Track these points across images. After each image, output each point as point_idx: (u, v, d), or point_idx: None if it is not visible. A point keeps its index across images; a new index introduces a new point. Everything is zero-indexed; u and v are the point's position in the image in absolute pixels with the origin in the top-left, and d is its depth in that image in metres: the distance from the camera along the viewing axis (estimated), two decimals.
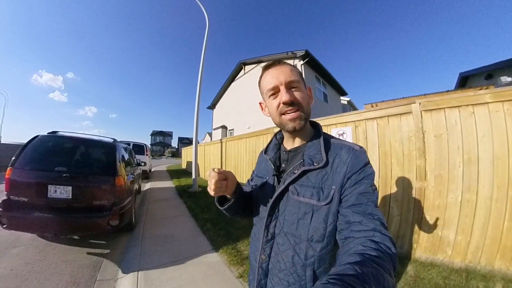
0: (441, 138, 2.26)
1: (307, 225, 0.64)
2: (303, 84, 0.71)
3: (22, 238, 3.08)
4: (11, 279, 2.20)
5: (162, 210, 4.80)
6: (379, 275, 0.40)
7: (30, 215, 2.56)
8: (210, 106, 19.60)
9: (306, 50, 9.60)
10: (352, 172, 0.62)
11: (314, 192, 0.64)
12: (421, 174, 2.36)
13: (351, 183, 0.61)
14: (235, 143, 6.62)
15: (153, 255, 2.71)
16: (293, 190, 0.68)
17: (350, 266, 0.42)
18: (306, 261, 0.63)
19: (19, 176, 2.68)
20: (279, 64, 0.70)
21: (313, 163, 0.66)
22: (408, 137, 2.47)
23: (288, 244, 0.67)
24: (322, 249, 0.62)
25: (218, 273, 2.33)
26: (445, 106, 2.24)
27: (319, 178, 0.65)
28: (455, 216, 2.17)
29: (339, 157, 0.65)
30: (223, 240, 3.09)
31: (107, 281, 2.30)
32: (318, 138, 0.71)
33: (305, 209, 0.64)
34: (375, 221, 0.54)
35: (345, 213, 0.59)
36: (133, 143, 10.53)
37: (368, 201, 0.58)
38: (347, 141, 0.71)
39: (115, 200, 2.94)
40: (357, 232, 0.53)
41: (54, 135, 3.20)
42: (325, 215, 0.62)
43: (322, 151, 0.67)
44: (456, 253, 2.18)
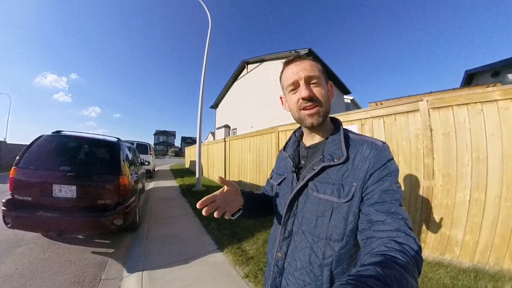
0: (449, 136, 2.23)
1: (326, 223, 0.62)
2: (324, 79, 0.70)
3: (26, 237, 3.09)
4: (16, 278, 2.21)
5: (166, 209, 4.80)
6: (402, 278, 0.38)
7: (34, 214, 2.57)
8: (213, 106, 19.64)
9: (310, 49, 9.57)
10: (375, 168, 0.59)
11: (334, 189, 0.62)
12: (429, 173, 2.33)
13: (373, 180, 0.59)
14: (239, 142, 6.61)
15: (157, 254, 2.71)
16: (312, 187, 0.66)
17: (371, 267, 0.40)
18: (324, 261, 0.61)
19: (23, 175, 2.69)
20: (299, 59, 0.69)
21: (333, 159, 0.64)
22: (416, 135, 2.43)
23: (306, 242, 0.65)
24: (341, 248, 0.60)
25: (224, 273, 2.32)
26: (453, 104, 2.21)
27: (339, 175, 0.63)
28: (464, 215, 2.14)
29: (361, 153, 0.63)
30: (228, 240, 3.08)
31: (112, 280, 2.30)
32: (338, 134, 0.69)
33: (325, 207, 0.63)
34: (399, 220, 0.52)
35: (367, 211, 0.56)
36: (137, 142, 10.61)
37: (392, 199, 0.55)
38: (369, 136, 0.69)
39: (119, 199, 2.94)
40: (380, 232, 0.51)
41: (58, 135, 3.19)
42: (345, 213, 0.60)
43: (342, 146, 0.65)
44: (464, 252, 2.15)
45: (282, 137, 4.50)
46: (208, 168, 10.24)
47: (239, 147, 6.60)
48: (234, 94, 16.30)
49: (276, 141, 4.64)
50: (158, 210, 4.72)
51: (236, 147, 6.79)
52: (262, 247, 2.81)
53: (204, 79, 7.34)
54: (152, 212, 4.55)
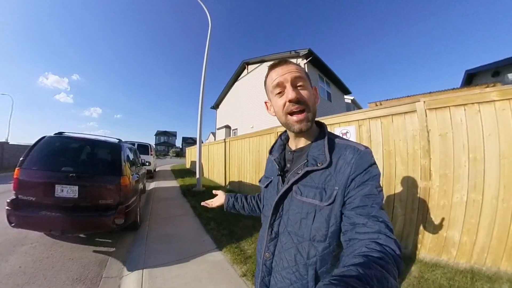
0: (446, 137, 2.23)
1: (309, 225, 0.64)
2: (309, 83, 0.71)
3: (30, 236, 3.15)
4: (19, 276, 2.26)
5: (166, 209, 4.84)
6: (382, 278, 0.40)
7: (37, 214, 2.62)
8: (214, 106, 19.65)
9: (309, 49, 9.53)
10: (356, 173, 0.61)
11: (317, 192, 0.64)
12: (425, 174, 2.33)
13: (355, 184, 0.60)
14: (239, 143, 6.61)
15: (157, 253, 2.74)
16: (296, 190, 0.68)
17: (353, 268, 0.41)
18: (308, 260, 0.64)
19: (27, 176, 2.74)
20: (285, 63, 0.70)
21: (317, 164, 0.66)
22: (413, 136, 2.44)
23: (291, 243, 0.67)
24: (324, 249, 0.63)
25: (222, 272, 2.35)
26: (450, 105, 2.21)
27: (322, 179, 0.65)
28: (461, 216, 2.14)
29: (343, 157, 0.65)
30: (227, 239, 3.11)
31: (113, 278, 2.34)
32: (323, 139, 0.71)
33: (308, 209, 0.65)
34: (380, 223, 0.53)
35: (349, 215, 0.58)
36: (138, 143, 10.63)
37: (373, 203, 0.57)
38: (353, 141, 0.71)
39: (121, 199, 2.98)
40: (362, 234, 0.53)
41: (60, 136, 3.25)
42: (327, 215, 0.62)
43: (326, 151, 0.67)
44: (461, 254, 2.15)
45: None
46: (208, 169, 10.26)
47: (239, 148, 6.61)
48: (234, 95, 16.29)
49: None
50: (158, 210, 4.76)
51: (236, 148, 6.80)
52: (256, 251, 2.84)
53: (204, 80, 7.37)
54: (153, 212, 4.59)
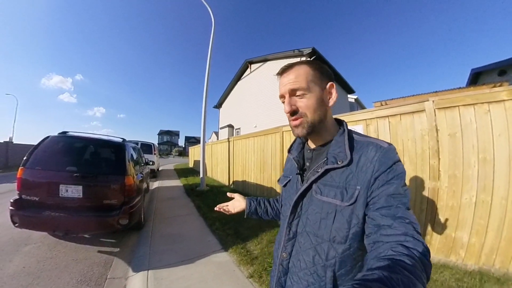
0: (455, 137, 2.21)
1: (329, 225, 0.62)
2: (317, 84, 0.67)
3: (33, 236, 3.14)
4: (23, 276, 2.24)
5: (170, 209, 4.83)
6: (410, 283, 0.38)
7: (41, 214, 2.61)
8: (217, 105, 19.64)
9: (313, 48, 9.47)
10: (380, 171, 0.58)
11: (337, 192, 0.62)
12: (434, 174, 2.31)
13: (379, 183, 0.57)
14: (243, 142, 6.59)
15: (162, 254, 2.73)
16: (316, 189, 0.66)
17: (377, 272, 0.39)
18: (327, 262, 0.62)
19: (30, 175, 2.73)
20: (287, 70, 0.69)
21: (337, 162, 0.63)
22: (421, 136, 2.41)
23: (310, 243, 0.66)
24: (344, 251, 0.60)
25: (228, 273, 2.33)
26: (459, 104, 2.18)
27: (343, 178, 0.62)
28: (469, 217, 2.12)
29: (365, 155, 0.62)
30: (232, 240, 3.09)
31: (118, 279, 2.32)
32: (343, 136, 0.68)
33: (328, 209, 0.63)
34: (407, 224, 0.51)
35: (373, 216, 0.55)
36: (141, 142, 10.69)
37: (399, 204, 0.54)
38: (375, 138, 0.67)
39: (125, 199, 2.97)
40: (387, 236, 0.50)
41: (64, 136, 3.23)
42: (348, 216, 0.60)
43: (346, 149, 0.64)
44: (470, 255, 2.13)
45: (287, 137, 4.48)
46: (212, 168, 10.26)
47: (243, 147, 6.59)
48: (237, 94, 16.28)
49: (281, 141, 4.62)
50: (162, 210, 4.76)
51: (240, 147, 6.77)
52: (267, 247, 2.82)
53: (208, 79, 7.35)
54: (157, 212, 4.58)
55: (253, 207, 1.02)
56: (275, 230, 3.38)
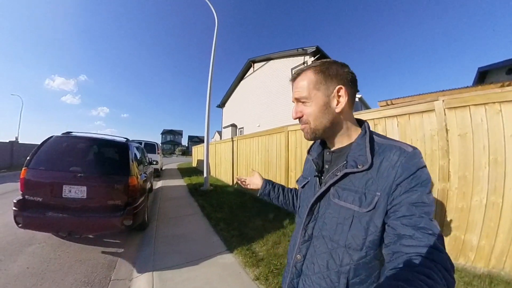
0: (466, 137, 2.16)
1: (346, 231, 0.60)
2: (322, 89, 0.65)
3: (37, 236, 3.14)
4: (27, 277, 2.24)
5: (174, 209, 4.80)
6: None
7: (44, 214, 2.59)
8: (220, 105, 19.64)
9: (317, 46, 9.37)
10: (403, 178, 0.55)
11: (356, 197, 0.60)
12: (444, 175, 2.26)
13: (401, 191, 0.54)
14: (247, 142, 6.54)
15: (167, 255, 2.70)
16: (334, 193, 0.65)
17: (395, 284, 0.38)
18: (341, 268, 0.60)
19: (34, 176, 2.71)
20: (294, 78, 0.70)
21: (357, 165, 0.61)
22: (431, 136, 2.37)
23: (325, 247, 0.64)
24: (360, 258, 0.58)
25: (234, 275, 2.30)
26: (470, 104, 2.13)
27: (363, 182, 0.60)
28: (479, 219, 2.08)
29: (388, 159, 0.59)
30: (237, 241, 3.05)
31: (122, 281, 2.30)
32: (364, 138, 0.65)
33: (346, 214, 0.61)
34: (430, 236, 0.48)
35: (393, 225, 0.53)
36: (145, 142, 10.74)
37: (422, 213, 0.51)
38: (399, 141, 0.64)
39: (129, 199, 2.94)
40: (408, 247, 0.48)
41: (68, 136, 3.22)
42: (366, 223, 0.57)
43: (367, 152, 0.61)
44: (479, 257, 2.09)
45: (292, 137, 4.42)
46: (215, 167, 10.23)
47: (247, 147, 6.55)
48: (240, 93, 16.27)
49: (286, 141, 4.56)
50: (166, 210, 4.73)
51: (244, 147, 6.73)
52: (272, 249, 2.78)
53: (212, 78, 7.31)
54: (161, 212, 4.56)
55: (267, 189, 1.05)
56: (280, 231, 3.34)
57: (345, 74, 0.65)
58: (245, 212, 4.39)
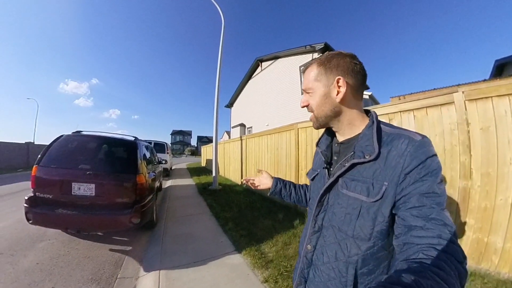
0: (489, 131, 2.00)
1: (353, 221, 0.61)
2: (323, 80, 0.67)
3: (48, 233, 3.20)
4: (37, 272, 2.28)
5: (182, 208, 4.80)
6: None
7: (54, 211, 2.63)
8: (228, 105, 19.72)
9: (325, 43, 9.22)
10: (411, 167, 0.53)
11: (364, 187, 0.59)
12: (465, 172, 2.11)
13: (410, 180, 0.53)
14: (256, 140, 6.48)
15: (174, 254, 2.67)
16: (342, 184, 0.65)
17: (406, 275, 0.37)
18: (349, 258, 0.61)
19: (44, 173, 2.76)
20: (305, 69, 0.72)
21: (364, 156, 0.60)
22: (450, 130, 2.21)
23: (334, 238, 0.65)
24: (368, 249, 0.58)
25: (242, 277, 2.22)
26: (492, 95, 1.97)
27: (370, 172, 0.59)
28: (504, 220, 1.92)
29: (396, 148, 0.57)
30: (246, 241, 2.98)
31: (129, 279, 2.29)
32: (371, 128, 0.63)
33: (354, 204, 0.61)
34: (441, 226, 0.47)
35: (403, 216, 0.52)
36: (154, 142, 10.96)
37: (433, 203, 0.49)
38: (407, 129, 0.62)
39: (137, 197, 2.95)
40: (419, 238, 0.47)
41: (78, 134, 3.27)
42: (373, 213, 0.57)
43: (374, 142, 0.60)
44: (504, 262, 1.92)
45: (302, 135, 4.31)
46: (224, 167, 10.24)
47: (256, 145, 6.48)
48: (248, 93, 16.27)
49: (296, 139, 4.45)
50: (175, 209, 4.73)
51: (253, 145, 6.67)
52: (282, 250, 2.70)
53: (219, 79, 7.34)
54: (169, 211, 4.56)
55: (278, 188, 1.04)
56: (290, 231, 3.25)
57: (346, 64, 0.65)
58: (254, 211, 4.33)
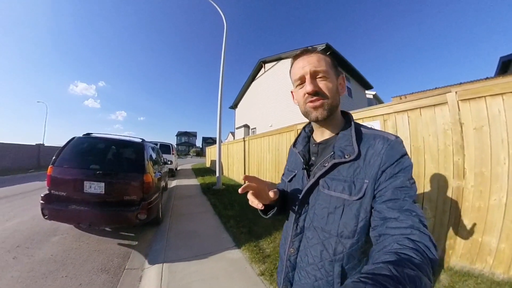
0: (482, 130, 2.01)
1: (337, 220, 0.61)
2: (334, 73, 0.68)
3: (61, 228, 3.41)
4: (51, 263, 2.47)
5: (187, 207, 4.97)
6: (416, 278, 0.37)
7: (67, 207, 2.84)
8: (232, 106, 19.87)
9: (327, 44, 9.27)
10: (387, 164, 0.58)
11: (345, 186, 0.61)
12: (459, 172, 2.12)
13: (386, 176, 0.57)
14: (258, 141, 6.59)
15: (177, 249, 2.81)
16: (323, 184, 0.66)
17: (384, 266, 0.39)
18: (335, 257, 0.61)
19: (58, 173, 2.98)
20: (307, 53, 0.69)
21: (344, 156, 0.63)
22: (444, 131, 2.23)
23: (317, 238, 0.65)
24: (352, 245, 0.60)
25: (240, 270, 2.34)
26: (486, 94, 1.97)
27: (351, 172, 0.62)
28: (499, 220, 1.90)
29: (373, 148, 0.61)
30: (246, 237, 3.10)
31: (135, 270, 2.45)
32: (349, 129, 0.68)
33: (336, 204, 0.62)
34: (413, 217, 0.50)
35: (379, 208, 0.55)
36: (160, 143, 11.12)
37: (406, 196, 0.54)
38: (382, 130, 0.67)
39: (144, 195, 3.13)
40: (393, 229, 0.50)
41: (88, 137, 3.50)
42: (356, 210, 0.59)
43: (353, 142, 0.63)
44: (498, 262, 1.90)
45: None
46: (228, 167, 10.37)
47: (258, 146, 6.59)
48: (252, 94, 16.35)
49: None
50: (179, 207, 4.90)
51: (255, 146, 6.78)
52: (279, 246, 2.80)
53: (222, 81, 7.46)
54: (174, 209, 4.73)
55: None
56: None
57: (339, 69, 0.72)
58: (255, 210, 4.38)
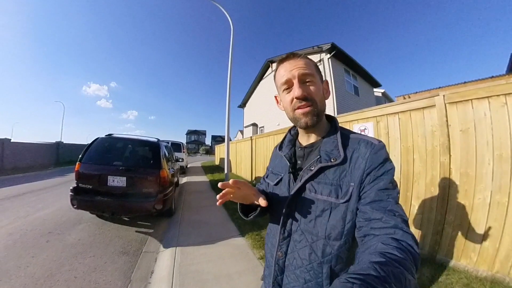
0: (468, 132, 2.06)
1: (324, 223, 0.62)
2: (319, 77, 0.69)
3: (85, 217, 3.84)
4: (79, 246, 2.86)
5: (197, 201, 5.36)
6: (400, 275, 0.38)
7: (94, 198, 3.24)
8: (241, 105, 19.87)
9: (333, 43, 9.15)
10: (372, 167, 0.59)
11: (332, 189, 0.62)
12: (445, 172, 2.20)
13: (370, 179, 0.59)
14: (264, 140, 6.78)
15: (189, 235, 3.16)
16: (310, 188, 0.66)
17: (370, 265, 0.40)
18: (323, 259, 0.62)
19: (85, 169, 3.40)
20: (293, 57, 0.68)
21: (330, 159, 0.63)
22: (432, 132, 2.33)
23: (305, 241, 0.65)
24: (340, 247, 0.61)
25: (242, 254, 2.65)
26: (472, 98, 2.01)
27: (337, 175, 0.63)
28: (483, 219, 1.95)
29: (358, 152, 0.63)
30: (250, 227, 3.41)
31: (151, 253, 2.79)
32: (335, 133, 0.69)
33: (323, 207, 0.62)
34: (396, 218, 0.52)
35: (364, 210, 0.56)
36: (171, 141, 11.46)
37: (389, 198, 0.55)
38: (365, 135, 0.70)
39: (160, 188, 3.51)
40: (377, 229, 0.51)
41: (110, 137, 3.93)
42: (343, 213, 0.60)
43: (339, 146, 0.65)
44: (482, 260, 1.96)
45: None
46: (236, 165, 10.59)
47: (264, 145, 6.74)
48: (260, 93, 16.28)
49: None
50: (190, 201, 5.29)
51: (262, 145, 6.95)
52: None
53: (230, 81, 7.58)
54: (185, 203, 5.12)
55: None
56: None
57: None
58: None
